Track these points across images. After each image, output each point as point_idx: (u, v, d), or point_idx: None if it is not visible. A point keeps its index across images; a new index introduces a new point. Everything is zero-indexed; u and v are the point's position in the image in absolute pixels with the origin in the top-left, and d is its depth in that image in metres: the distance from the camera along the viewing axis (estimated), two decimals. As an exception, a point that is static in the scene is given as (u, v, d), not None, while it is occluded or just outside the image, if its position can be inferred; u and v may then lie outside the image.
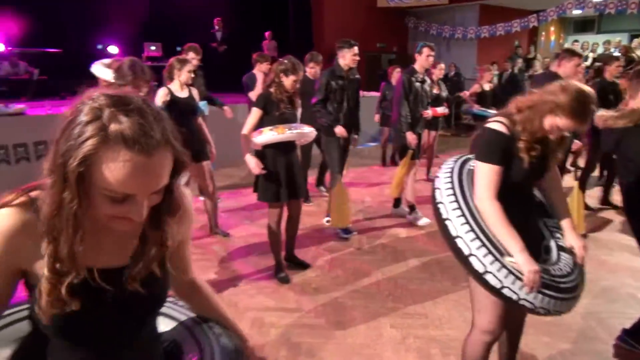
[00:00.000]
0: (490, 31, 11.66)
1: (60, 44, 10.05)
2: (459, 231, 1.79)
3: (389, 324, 2.95)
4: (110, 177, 0.78)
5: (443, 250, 4.15)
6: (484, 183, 1.81)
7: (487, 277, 1.74)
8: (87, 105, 0.81)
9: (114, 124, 0.78)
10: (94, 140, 0.77)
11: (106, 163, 0.78)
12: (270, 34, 12.08)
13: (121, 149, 0.77)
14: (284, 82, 3.24)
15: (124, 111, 0.79)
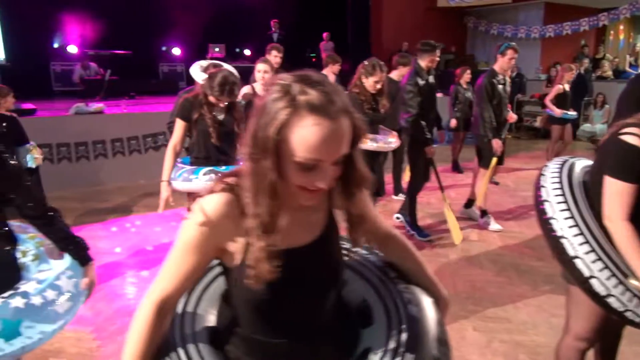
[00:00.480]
0: (556, 30, 11.26)
1: (129, 46, 10.51)
2: (578, 251, 1.70)
3: (471, 327, 2.92)
4: (301, 142, 0.88)
5: (518, 254, 4.08)
6: (617, 202, 1.70)
7: (610, 300, 1.67)
8: (276, 86, 0.92)
9: (302, 95, 0.89)
10: (286, 111, 0.88)
11: (297, 129, 0.88)
12: (327, 35, 12.17)
13: (309, 115, 0.88)
14: (365, 83, 3.29)
15: (309, 84, 0.90)
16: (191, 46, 11.62)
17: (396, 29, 11.71)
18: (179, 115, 2.77)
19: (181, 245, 1.00)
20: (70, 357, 2.60)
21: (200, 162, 2.78)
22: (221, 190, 0.99)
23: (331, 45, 12.29)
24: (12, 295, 1.67)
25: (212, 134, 2.69)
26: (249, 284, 0.98)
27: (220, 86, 2.61)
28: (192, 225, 0.98)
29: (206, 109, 2.70)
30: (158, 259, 3.95)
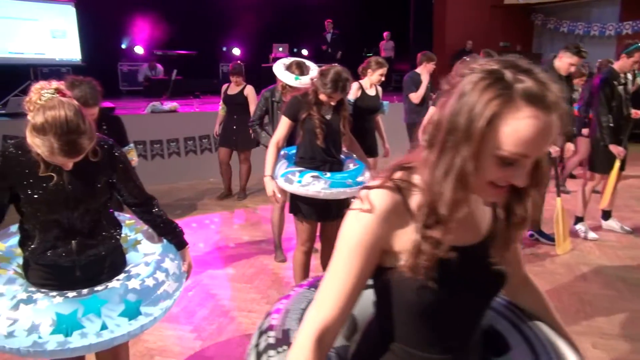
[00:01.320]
0: (634, 27, 10.61)
1: (194, 46, 10.71)
2: None
3: (590, 344, 2.70)
4: (512, 136, 0.79)
5: (622, 265, 3.79)
6: None
7: None
8: (480, 72, 0.81)
9: (518, 84, 0.79)
10: (499, 100, 0.79)
11: (509, 121, 0.79)
12: (388, 34, 12.00)
13: (526, 106, 0.78)
14: None
15: (522, 71, 0.80)
16: (250, 46, 11.72)
17: (460, 28, 11.38)
18: (286, 114, 2.70)
19: (348, 248, 0.89)
20: (175, 356, 2.58)
21: (306, 162, 2.70)
22: (389, 187, 0.90)
23: (391, 45, 12.13)
24: (127, 277, 1.74)
25: (319, 135, 2.60)
26: (413, 279, 0.88)
27: (334, 82, 2.51)
28: (361, 222, 0.89)
29: (315, 108, 2.61)
30: (240, 256, 3.93)
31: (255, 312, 3.06)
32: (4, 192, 1.63)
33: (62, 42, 8.49)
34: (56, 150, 1.47)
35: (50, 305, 1.55)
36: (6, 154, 1.61)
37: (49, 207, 1.63)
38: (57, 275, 1.71)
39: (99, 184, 1.71)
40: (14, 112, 6.12)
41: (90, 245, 1.72)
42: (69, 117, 1.47)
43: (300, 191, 2.58)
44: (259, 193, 5.91)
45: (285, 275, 3.59)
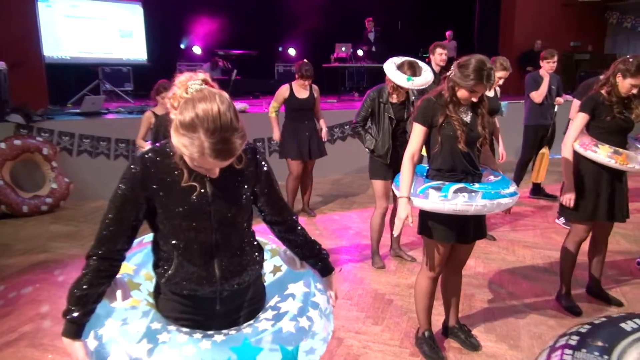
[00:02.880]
0: None
1: (253, 46, 10.62)
2: None
3: None
4: None
5: None
6: None
7: None
8: None
9: None
10: None
11: None
12: (450, 34, 11.56)
13: None
14: (619, 84, 2.75)
15: None
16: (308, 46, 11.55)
17: (529, 26, 10.81)
18: (418, 119, 2.34)
19: None
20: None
21: (444, 175, 2.33)
22: None
23: (454, 45, 11.65)
24: (277, 316, 1.45)
25: (460, 138, 2.24)
26: None
27: (477, 72, 2.15)
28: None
29: (452, 108, 2.28)
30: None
31: (363, 333, 2.78)
32: (140, 205, 1.37)
33: (129, 42, 8.54)
34: (207, 150, 1.20)
35: (197, 351, 1.28)
36: (145, 160, 1.37)
37: (191, 223, 1.38)
38: (194, 309, 1.46)
39: (244, 196, 1.45)
40: (89, 111, 6.12)
41: (234, 272, 1.46)
42: (222, 110, 1.21)
43: (446, 207, 2.20)
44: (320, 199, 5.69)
45: (385, 291, 3.30)
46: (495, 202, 2.21)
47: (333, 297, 1.65)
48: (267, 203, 1.53)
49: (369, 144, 3.50)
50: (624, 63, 2.77)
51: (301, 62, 4.67)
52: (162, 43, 9.66)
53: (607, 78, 2.84)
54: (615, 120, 2.82)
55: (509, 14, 11.08)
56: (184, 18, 10.58)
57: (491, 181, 2.41)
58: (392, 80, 3.35)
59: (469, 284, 3.36)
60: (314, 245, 1.64)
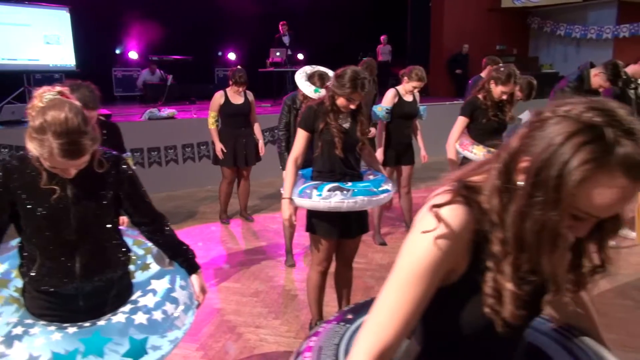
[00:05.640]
0: (632, 30, 10.62)
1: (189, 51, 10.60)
2: None
3: (611, 358, 2.62)
4: (596, 201, 0.74)
5: (634, 273, 3.72)
6: None
7: None
8: (572, 120, 0.74)
9: (618, 147, 0.72)
10: (594, 164, 0.72)
11: (598, 187, 0.73)
12: (385, 38, 11.94)
13: (619, 176, 0.72)
14: (493, 90, 3.05)
15: (624, 132, 0.72)
16: (247, 51, 11.64)
17: (457, 31, 11.35)
18: (301, 125, 2.54)
19: (412, 268, 0.82)
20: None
21: (324, 176, 2.53)
22: (461, 202, 0.83)
23: (389, 49, 12.06)
24: (134, 310, 1.58)
25: (337, 144, 2.46)
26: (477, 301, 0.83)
27: (352, 81, 2.36)
28: (430, 241, 0.81)
29: (332, 116, 2.48)
30: (244, 267, 3.82)
31: (263, 327, 2.95)
32: (4, 208, 1.51)
33: (56, 48, 8.36)
34: (56, 151, 1.36)
35: (47, 342, 1.40)
36: (7, 166, 1.51)
37: (52, 224, 1.51)
38: (58, 305, 1.58)
39: (106, 199, 1.60)
40: (8, 120, 5.99)
41: (96, 270, 1.59)
42: (69, 116, 1.37)
43: (321, 205, 2.40)
44: (257, 202, 5.82)
45: (292, 288, 3.48)
46: (366, 199, 2.43)
47: (198, 294, 1.80)
48: (131, 206, 1.70)
49: None
50: (496, 72, 3.08)
51: (235, 69, 4.73)
52: (94, 49, 9.49)
53: (483, 84, 3.14)
54: (490, 122, 3.12)
55: (437, 20, 11.59)
56: (118, 23, 10.43)
57: (370, 179, 2.63)
58: (301, 89, 3.53)
59: (371, 276, 3.59)
60: (180, 245, 1.81)
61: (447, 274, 0.85)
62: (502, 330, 0.83)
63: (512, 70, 3.03)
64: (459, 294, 0.87)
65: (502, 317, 0.82)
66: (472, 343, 0.92)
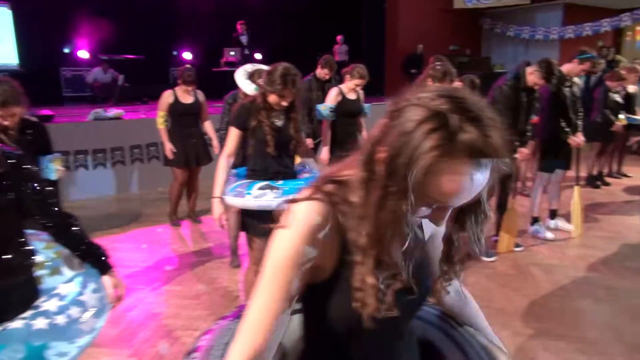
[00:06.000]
0: (576, 31, 11.05)
1: (142, 50, 10.36)
2: None
3: (540, 346, 2.70)
4: (445, 189, 0.74)
5: (570, 265, 3.86)
6: None
7: None
8: (423, 108, 0.74)
9: (461, 134, 0.71)
10: (439, 151, 0.71)
11: (446, 175, 0.73)
12: (341, 38, 12.00)
13: (465, 163, 0.72)
14: None
15: (469, 119, 0.72)
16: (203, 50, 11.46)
17: (412, 31, 11.52)
18: (234, 124, 2.50)
19: (274, 266, 0.82)
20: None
21: (258, 175, 2.50)
22: (319, 199, 0.83)
23: (345, 49, 12.11)
24: (34, 315, 1.52)
25: (270, 142, 2.43)
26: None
27: (282, 77, 2.34)
28: (285, 239, 0.81)
29: (264, 114, 2.45)
30: (188, 270, 3.75)
31: (201, 330, 2.89)
32: None
33: (-3, 46, 8.02)
34: None
35: None
36: None
37: None
38: None
39: (4, 202, 1.53)
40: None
41: None
42: None
43: (251, 204, 2.38)
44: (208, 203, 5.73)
45: (235, 289, 3.44)
46: None
47: (111, 295, 1.74)
48: (35, 207, 1.63)
49: None
50: (433, 70, 3.12)
51: (183, 68, 4.63)
52: (40, 47, 9.14)
53: (421, 82, 3.18)
54: None
55: (392, 20, 11.74)
56: (65, 21, 10.04)
57: (304, 177, 2.62)
58: (240, 87, 3.49)
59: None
60: (90, 245, 1.75)
61: (315, 270, 0.84)
62: (371, 325, 0.82)
63: (448, 69, 3.09)
64: (332, 291, 0.87)
65: (368, 313, 0.82)
66: (351, 340, 0.91)
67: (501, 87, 3.75)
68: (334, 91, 4.03)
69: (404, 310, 0.88)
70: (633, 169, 7.08)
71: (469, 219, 0.86)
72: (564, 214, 4.75)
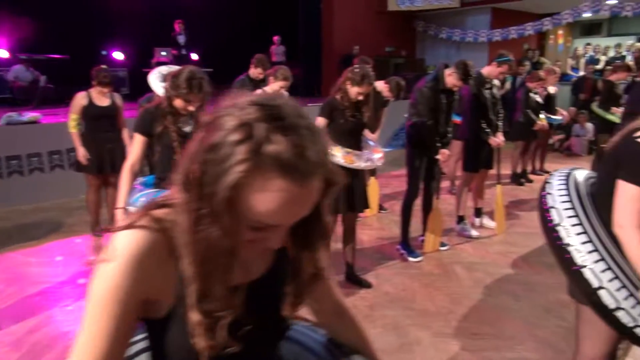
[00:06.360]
0: (503, 34, 11.52)
1: (67, 50, 9.82)
2: (586, 260, 1.58)
3: (458, 346, 2.74)
4: (259, 208, 0.66)
5: (491, 262, 3.97)
6: (631, 209, 1.57)
7: (619, 314, 1.54)
8: (234, 117, 0.67)
9: (268, 145, 0.64)
10: (245, 165, 0.64)
11: (256, 192, 0.65)
12: (278, 39, 11.92)
13: (275, 177, 0.65)
14: (349, 91, 3.07)
15: (278, 128, 0.66)
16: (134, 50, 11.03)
17: (347, 33, 11.61)
18: (137, 130, 2.36)
19: (95, 300, 0.73)
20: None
21: (165, 183, 2.37)
22: (142, 226, 0.75)
23: (282, 49, 12.05)
24: None
25: (176, 149, 2.31)
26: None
27: (188, 81, 2.24)
28: (105, 274, 0.72)
29: (170, 119, 2.32)
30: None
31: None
32: None
33: None
34: None
35: None
36: None
37: None
38: None
39: None
40: None
41: None
42: None
43: None
44: (135, 209, 5.47)
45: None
46: None
47: None
48: None
49: None
50: (351, 72, 3.10)
51: (99, 68, 4.33)
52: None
53: (340, 85, 3.15)
54: (348, 123, 3.14)
55: (328, 21, 11.78)
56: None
57: None
58: (157, 92, 3.33)
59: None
60: None
61: (149, 304, 0.76)
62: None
63: (367, 72, 3.08)
64: (170, 326, 0.79)
65: (202, 350, 0.74)
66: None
67: (421, 89, 3.81)
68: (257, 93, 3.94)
69: (251, 343, 0.80)
70: (555, 166, 7.44)
71: (309, 237, 0.80)
72: (489, 212, 4.91)
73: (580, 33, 14.19)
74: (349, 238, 3.45)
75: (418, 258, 3.95)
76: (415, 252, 3.99)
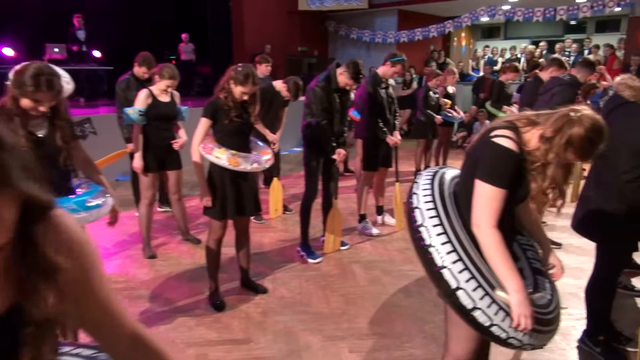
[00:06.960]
0: (409, 36, 11.90)
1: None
2: (446, 261, 1.59)
3: (347, 349, 2.71)
4: None
5: (388, 259, 4.02)
6: (488, 208, 1.59)
7: (475, 314, 1.56)
8: None
9: None
10: None
11: None
12: (187, 36, 11.51)
13: None
14: (233, 91, 2.94)
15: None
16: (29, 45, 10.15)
17: (258, 31, 11.45)
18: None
19: None
20: None
21: None
22: None
23: (191, 47, 11.66)
24: None
25: None
26: None
27: (35, 78, 2.00)
28: None
29: (18, 122, 2.07)
30: None
31: None
32: None
33: None
34: None
35: None
36: None
37: None
38: None
39: None
40: None
41: None
42: None
43: None
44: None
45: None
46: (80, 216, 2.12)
47: None
48: None
49: None
50: (235, 71, 2.97)
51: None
52: None
53: (223, 85, 3.01)
54: (234, 123, 3.01)
55: (238, 19, 11.56)
56: None
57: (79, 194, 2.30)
58: None
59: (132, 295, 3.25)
60: None
61: None
62: None
63: (251, 71, 2.97)
64: None
65: None
66: None
67: (314, 88, 3.77)
68: (143, 93, 3.70)
69: None
70: (457, 163, 7.75)
71: (29, 277, 0.69)
72: (389, 210, 5.00)
73: (481, 36, 15.05)
74: (241, 242, 3.33)
75: (317, 259, 3.92)
76: (315, 254, 3.96)
